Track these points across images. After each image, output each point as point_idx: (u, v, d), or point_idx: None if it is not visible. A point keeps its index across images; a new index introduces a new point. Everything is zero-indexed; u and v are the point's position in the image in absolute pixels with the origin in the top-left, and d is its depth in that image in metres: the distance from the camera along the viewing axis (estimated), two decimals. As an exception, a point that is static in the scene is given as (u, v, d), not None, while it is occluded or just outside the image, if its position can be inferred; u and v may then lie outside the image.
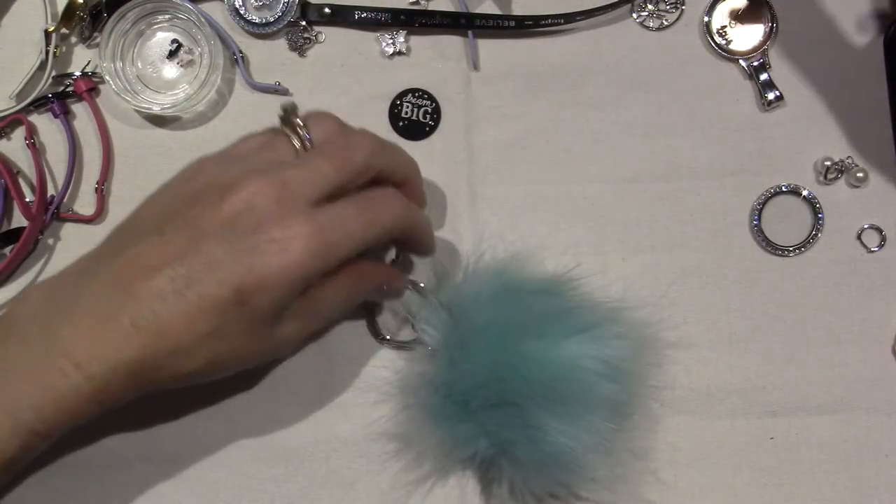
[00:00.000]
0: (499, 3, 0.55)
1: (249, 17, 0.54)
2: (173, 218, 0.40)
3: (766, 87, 0.54)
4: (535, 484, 0.48)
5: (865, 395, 0.52)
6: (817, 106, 0.54)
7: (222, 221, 0.39)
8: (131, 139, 0.54)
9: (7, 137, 0.54)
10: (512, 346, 0.46)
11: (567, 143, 0.54)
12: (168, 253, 0.39)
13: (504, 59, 0.55)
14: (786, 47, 0.55)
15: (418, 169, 0.48)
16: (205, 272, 0.38)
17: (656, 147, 0.54)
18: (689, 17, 0.55)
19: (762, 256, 0.53)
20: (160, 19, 0.54)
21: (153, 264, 0.39)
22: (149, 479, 0.51)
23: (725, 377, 0.53)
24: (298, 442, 0.51)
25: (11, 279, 0.53)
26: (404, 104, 0.54)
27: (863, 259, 0.54)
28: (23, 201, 0.52)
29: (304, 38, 0.55)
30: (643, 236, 0.53)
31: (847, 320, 0.53)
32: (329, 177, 0.41)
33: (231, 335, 0.39)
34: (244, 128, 0.54)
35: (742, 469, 0.52)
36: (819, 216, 0.53)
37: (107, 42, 0.53)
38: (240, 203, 0.39)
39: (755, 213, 0.53)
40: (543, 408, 0.46)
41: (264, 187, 0.39)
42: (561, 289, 0.50)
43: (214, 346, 0.39)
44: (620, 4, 0.54)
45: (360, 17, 0.54)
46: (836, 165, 0.53)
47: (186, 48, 0.55)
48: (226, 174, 0.40)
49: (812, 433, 0.52)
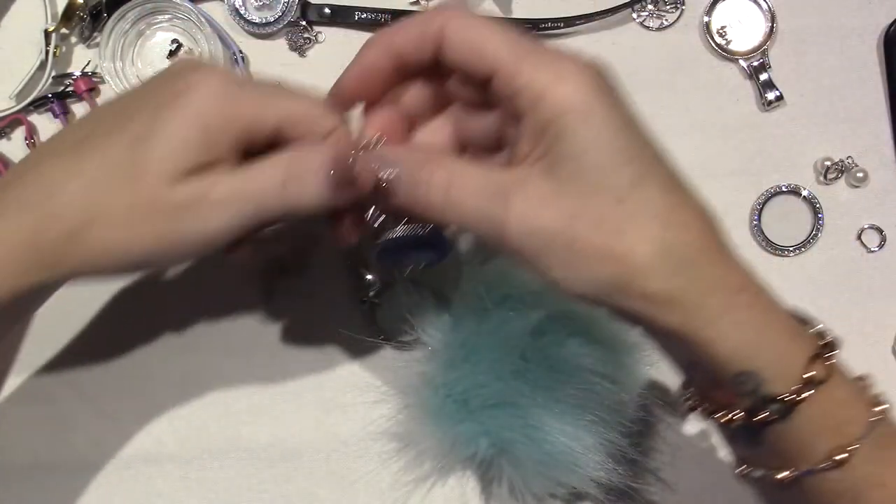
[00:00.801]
0: (499, 4, 0.55)
1: (249, 17, 0.54)
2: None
3: (766, 87, 0.54)
4: (535, 484, 0.48)
5: (865, 395, 0.52)
6: (817, 106, 0.54)
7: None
8: (131, 139, 0.54)
9: (7, 137, 0.54)
10: (512, 346, 0.46)
11: (567, 143, 0.54)
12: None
13: (504, 59, 0.54)
14: (786, 47, 0.55)
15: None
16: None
17: (656, 147, 0.54)
18: (689, 17, 0.55)
19: (762, 256, 0.53)
20: (160, 19, 0.54)
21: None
22: (149, 479, 0.51)
23: (725, 377, 0.52)
24: (298, 442, 0.51)
25: (11, 279, 0.53)
26: (404, 104, 0.54)
27: (863, 259, 0.54)
28: (23, 201, 0.52)
29: (304, 38, 0.55)
30: (643, 236, 0.53)
31: (847, 320, 0.53)
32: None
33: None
34: (244, 128, 0.54)
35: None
36: (819, 216, 0.53)
37: (107, 42, 0.53)
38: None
39: (755, 213, 0.53)
40: (543, 408, 0.46)
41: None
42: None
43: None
44: (621, 9, 0.54)
45: (360, 17, 0.54)
46: (836, 165, 0.53)
47: (186, 48, 0.55)
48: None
49: (812, 433, 0.52)
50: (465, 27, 0.35)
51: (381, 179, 0.36)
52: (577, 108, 0.33)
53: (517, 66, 0.33)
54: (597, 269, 0.33)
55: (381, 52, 0.37)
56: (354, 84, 0.38)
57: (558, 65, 0.33)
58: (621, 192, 0.33)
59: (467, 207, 0.34)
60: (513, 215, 0.33)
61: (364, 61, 0.37)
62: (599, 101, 0.33)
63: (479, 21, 0.35)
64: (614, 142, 0.33)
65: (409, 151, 0.37)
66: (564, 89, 0.33)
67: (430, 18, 0.36)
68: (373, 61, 0.37)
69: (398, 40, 0.37)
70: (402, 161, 0.36)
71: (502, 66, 0.34)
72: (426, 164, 0.35)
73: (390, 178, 0.36)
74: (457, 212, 0.34)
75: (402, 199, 0.36)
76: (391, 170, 0.36)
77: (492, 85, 0.34)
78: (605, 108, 0.33)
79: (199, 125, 0.35)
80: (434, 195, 0.35)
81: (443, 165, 0.35)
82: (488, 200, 0.34)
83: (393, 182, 0.36)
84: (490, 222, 0.34)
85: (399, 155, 0.36)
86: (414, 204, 0.36)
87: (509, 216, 0.33)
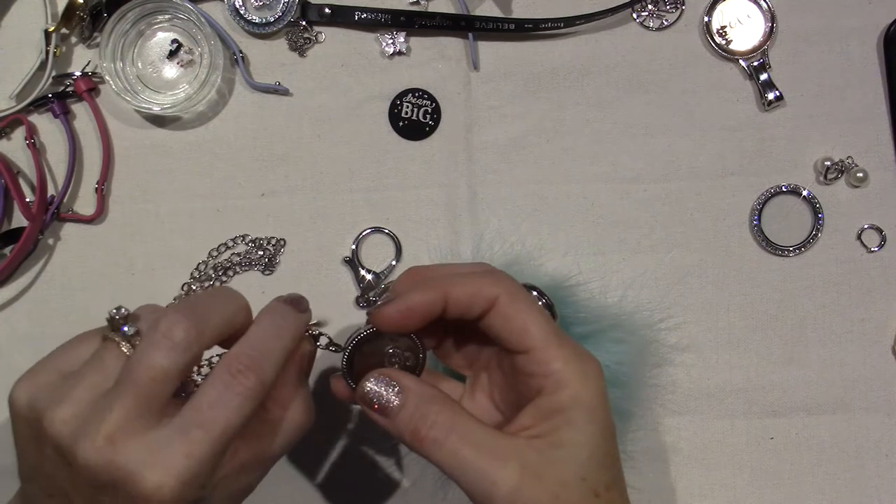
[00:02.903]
0: (499, 4, 0.55)
1: (249, 17, 0.54)
2: (49, 484, 0.37)
3: (766, 87, 0.54)
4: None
5: (865, 395, 0.53)
6: (817, 106, 0.54)
7: (86, 484, 0.35)
8: (131, 139, 0.54)
9: (7, 137, 0.54)
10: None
11: (567, 143, 0.54)
12: None
13: (504, 59, 0.55)
14: (786, 47, 0.55)
15: (246, 304, 0.40)
16: None
17: (656, 147, 0.54)
18: (689, 17, 0.55)
19: (762, 256, 0.53)
20: (160, 19, 0.54)
21: None
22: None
23: (725, 377, 0.53)
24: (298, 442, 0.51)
25: (11, 279, 0.53)
26: (404, 104, 0.54)
27: (863, 259, 0.54)
28: (23, 201, 0.52)
29: (304, 38, 0.54)
30: (643, 236, 0.53)
31: (847, 320, 0.53)
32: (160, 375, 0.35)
33: None
34: (244, 128, 0.54)
35: (742, 469, 0.52)
36: (819, 216, 0.53)
37: (107, 42, 0.53)
38: (86, 463, 0.34)
39: (755, 213, 0.53)
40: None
41: (98, 443, 0.34)
42: (561, 293, 0.49)
43: None
44: (621, 9, 0.54)
45: (360, 17, 0.54)
46: (836, 165, 0.53)
47: (186, 48, 0.55)
48: (61, 433, 0.35)
49: (812, 433, 0.52)
50: (517, 307, 0.38)
51: (385, 400, 0.38)
52: (590, 406, 0.37)
53: (551, 352, 0.37)
54: None
55: (435, 299, 0.38)
56: (398, 318, 0.38)
57: (584, 362, 0.38)
58: (599, 488, 0.37)
59: (464, 456, 0.36)
60: (504, 480, 0.35)
61: (414, 302, 0.38)
62: (603, 405, 0.38)
63: (528, 302, 0.38)
64: (605, 445, 0.37)
65: (420, 383, 0.38)
66: (586, 386, 0.37)
67: (488, 286, 0.38)
68: (424, 304, 0.38)
69: (454, 295, 0.38)
70: (412, 390, 0.38)
71: (539, 350, 0.37)
72: (436, 402, 0.37)
73: (392, 403, 0.37)
74: (453, 456, 0.36)
75: (399, 425, 0.37)
76: (398, 398, 0.38)
77: (518, 359, 0.38)
78: (606, 412, 0.38)
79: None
80: (437, 433, 0.36)
81: (450, 407, 0.37)
82: (486, 458, 0.36)
83: (392, 408, 0.37)
84: (482, 479, 0.36)
85: (410, 383, 0.38)
86: (412, 434, 0.37)
87: (502, 479, 0.35)
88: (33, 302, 0.54)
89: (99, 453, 0.34)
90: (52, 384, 0.37)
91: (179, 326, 0.36)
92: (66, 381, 0.36)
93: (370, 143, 0.54)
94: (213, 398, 0.35)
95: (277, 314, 0.39)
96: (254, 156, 0.54)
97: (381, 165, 0.54)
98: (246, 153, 0.54)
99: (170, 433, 0.35)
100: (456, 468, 0.36)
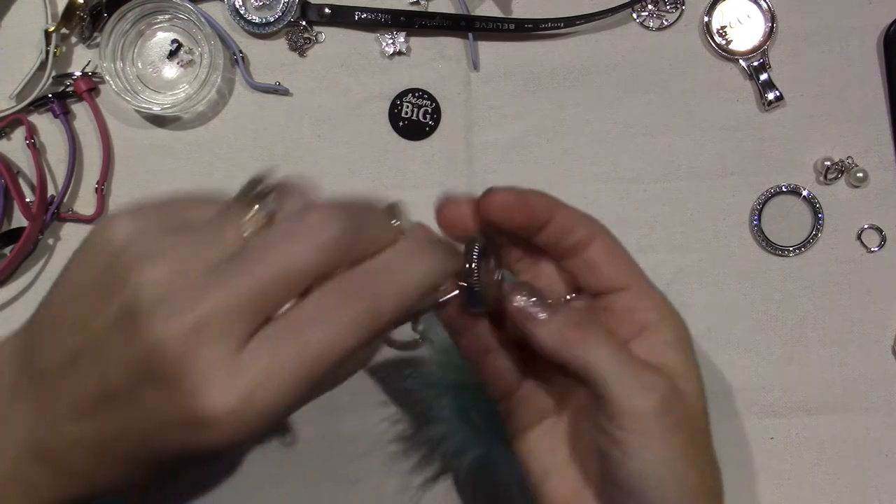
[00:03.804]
0: (499, 4, 0.55)
1: (249, 17, 0.54)
2: (87, 345, 0.30)
3: (766, 87, 0.54)
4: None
5: (865, 395, 0.53)
6: (817, 106, 0.54)
7: (137, 366, 0.28)
8: (131, 139, 0.54)
9: (7, 137, 0.54)
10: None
11: (567, 143, 0.54)
12: (83, 397, 0.30)
13: (504, 59, 0.55)
14: (786, 47, 0.55)
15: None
16: (121, 434, 0.30)
17: (656, 147, 0.54)
18: (689, 17, 0.55)
19: (762, 256, 0.53)
20: (160, 19, 0.54)
21: (68, 405, 0.30)
22: (149, 479, 0.51)
23: (725, 377, 0.53)
24: (299, 442, 0.51)
25: (11, 279, 0.53)
26: (404, 104, 0.54)
27: (863, 259, 0.54)
28: (23, 201, 0.52)
29: (304, 38, 0.55)
30: (643, 236, 0.53)
31: (847, 320, 0.53)
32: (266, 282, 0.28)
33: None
34: (244, 128, 0.54)
35: (742, 469, 0.52)
36: (819, 216, 0.53)
37: (107, 42, 0.53)
38: (154, 343, 0.27)
39: (755, 213, 0.53)
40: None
41: (189, 322, 0.27)
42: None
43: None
44: (621, 9, 0.54)
45: (360, 17, 0.54)
46: (836, 165, 0.53)
47: (186, 48, 0.55)
48: (143, 294, 0.28)
49: (812, 433, 0.52)
50: (617, 243, 0.38)
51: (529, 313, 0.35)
52: (689, 338, 0.38)
53: (651, 287, 0.37)
54: None
55: (547, 204, 0.37)
56: (514, 201, 0.36)
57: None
58: (707, 420, 0.37)
59: (622, 358, 0.34)
60: (661, 388, 0.34)
61: (530, 194, 0.36)
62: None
63: (621, 242, 0.38)
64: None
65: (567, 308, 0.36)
66: (681, 320, 0.38)
67: (589, 220, 0.37)
68: (539, 199, 0.36)
69: (560, 215, 0.37)
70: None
71: (642, 284, 0.37)
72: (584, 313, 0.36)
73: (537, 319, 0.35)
74: (614, 356, 0.34)
75: (552, 324, 0.35)
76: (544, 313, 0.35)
77: (617, 298, 0.37)
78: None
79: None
80: (594, 330, 0.35)
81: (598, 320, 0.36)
82: (639, 364, 0.35)
83: (537, 322, 0.35)
84: (637, 382, 0.34)
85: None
86: (574, 326, 0.35)
87: (660, 386, 0.34)
88: (33, 302, 0.53)
89: (176, 339, 0.27)
90: (160, 234, 0.29)
91: (334, 225, 0.29)
92: (174, 238, 0.29)
93: (370, 143, 0.54)
94: (315, 313, 0.29)
95: (428, 253, 0.32)
96: (254, 156, 0.54)
97: (381, 165, 0.54)
98: (246, 153, 0.54)
99: (256, 348, 0.28)
100: (612, 370, 0.33)
